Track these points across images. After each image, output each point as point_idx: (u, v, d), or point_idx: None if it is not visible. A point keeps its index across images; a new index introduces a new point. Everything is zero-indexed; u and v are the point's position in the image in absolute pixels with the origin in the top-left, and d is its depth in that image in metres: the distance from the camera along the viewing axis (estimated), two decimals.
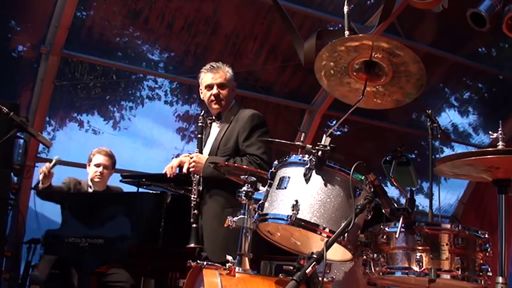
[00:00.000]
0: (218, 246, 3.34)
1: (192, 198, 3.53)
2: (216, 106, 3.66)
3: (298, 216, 2.33)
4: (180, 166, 3.65)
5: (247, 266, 2.61)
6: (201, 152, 3.65)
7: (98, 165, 4.79)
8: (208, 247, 3.42)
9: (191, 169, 3.55)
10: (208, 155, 3.59)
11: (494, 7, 4.16)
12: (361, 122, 7.64)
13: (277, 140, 2.75)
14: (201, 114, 3.77)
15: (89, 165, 4.85)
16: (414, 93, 2.65)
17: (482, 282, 2.28)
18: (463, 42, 7.61)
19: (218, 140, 3.60)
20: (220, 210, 3.42)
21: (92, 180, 4.81)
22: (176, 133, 7.44)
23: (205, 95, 3.70)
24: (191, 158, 3.58)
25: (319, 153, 2.39)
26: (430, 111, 3.96)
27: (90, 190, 4.81)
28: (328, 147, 2.39)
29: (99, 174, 4.77)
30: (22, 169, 5.79)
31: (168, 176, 3.62)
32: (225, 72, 3.69)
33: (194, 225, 3.49)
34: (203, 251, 3.45)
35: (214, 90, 3.64)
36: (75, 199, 4.44)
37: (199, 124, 3.75)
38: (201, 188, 3.56)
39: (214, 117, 3.72)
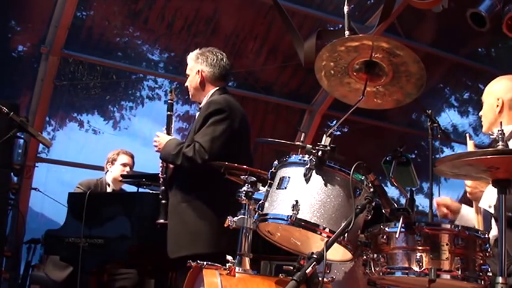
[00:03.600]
0: (173, 242, 3.28)
1: (159, 175, 3.46)
2: (191, 96, 3.60)
3: (298, 216, 2.32)
4: None
5: (247, 266, 2.60)
6: (168, 131, 3.50)
7: (124, 165, 4.86)
8: (168, 242, 3.34)
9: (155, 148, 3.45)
10: None
11: (494, 7, 4.17)
12: (361, 122, 7.65)
13: (277, 140, 2.74)
14: (170, 89, 3.63)
15: (112, 164, 4.87)
16: (414, 93, 2.65)
17: (482, 283, 2.27)
18: (463, 42, 7.61)
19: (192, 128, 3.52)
20: (176, 205, 3.33)
21: (115, 179, 4.80)
22: (176, 133, 7.43)
23: None
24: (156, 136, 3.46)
25: (319, 153, 2.38)
26: (430, 111, 3.96)
27: (108, 189, 4.81)
28: (328, 147, 2.39)
29: (126, 173, 4.83)
30: (22, 169, 5.81)
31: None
32: (189, 59, 3.56)
33: (163, 201, 3.41)
34: None
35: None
36: (76, 199, 4.43)
37: (168, 101, 3.60)
38: (165, 165, 3.45)
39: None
